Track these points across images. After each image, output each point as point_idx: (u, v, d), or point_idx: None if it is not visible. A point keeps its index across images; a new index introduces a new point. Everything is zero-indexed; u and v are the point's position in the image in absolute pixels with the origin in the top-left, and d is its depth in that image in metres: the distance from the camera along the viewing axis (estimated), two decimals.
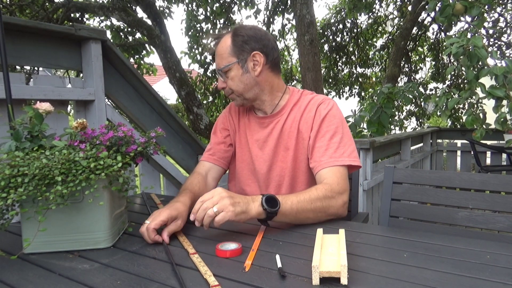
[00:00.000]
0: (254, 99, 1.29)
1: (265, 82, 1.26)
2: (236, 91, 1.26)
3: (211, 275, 0.74)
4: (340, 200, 1.11)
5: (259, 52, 1.21)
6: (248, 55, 1.21)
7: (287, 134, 1.28)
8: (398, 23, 8.41)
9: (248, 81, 1.24)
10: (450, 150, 5.14)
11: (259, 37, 1.22)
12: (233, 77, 1.23)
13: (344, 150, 1.19)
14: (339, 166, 1.16)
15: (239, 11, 6.89)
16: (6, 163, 0.82)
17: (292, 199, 1.02)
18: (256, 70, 1.22)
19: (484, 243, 0.90)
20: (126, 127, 1.01)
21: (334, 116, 1.24)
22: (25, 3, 5.26)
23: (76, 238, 0.91)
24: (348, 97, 9.33)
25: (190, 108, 5.18)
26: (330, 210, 1.09)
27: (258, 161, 1.33)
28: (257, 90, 1.26)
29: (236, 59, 1.21)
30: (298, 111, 1.29)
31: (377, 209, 2.96)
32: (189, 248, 0.90)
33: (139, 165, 1.95)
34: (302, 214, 1.03)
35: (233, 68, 1.22)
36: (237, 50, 1.21)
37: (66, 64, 1.61)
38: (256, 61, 1.22)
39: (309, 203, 1.04)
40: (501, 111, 2.60)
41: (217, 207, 0.92)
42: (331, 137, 1.20)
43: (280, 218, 1.00)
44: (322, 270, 0.70)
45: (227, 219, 0.91)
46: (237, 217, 0.93)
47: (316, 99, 1.29)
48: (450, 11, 2.74)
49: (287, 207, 1.00)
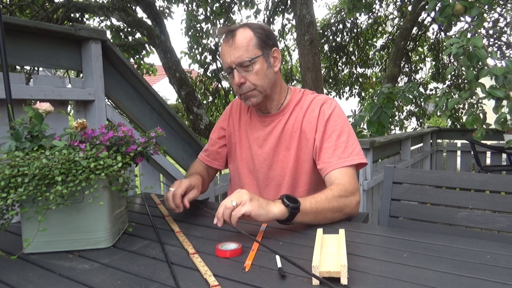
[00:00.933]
0: (271, 97, 1.26)
1: (279, 80, 1.27)
2: (261, 86, 1.20)
3: (211, 275, 0.74)
4: (354, 199, 1.12)
5: (277, 48, 1.21)
6: (270, 50, 1.20)
7: (289, 134, 1.28)
8: (398, 23, 8.41)
9: (271, 75, 1.22)
10: (450, 150, 5.13)
11: (273, 35, 1.22)
12: (258, 71, 1.18)
13: (352, 149, 1.19)
14: (349, 166, 1.17)
15: (239, 11, 6.90)
16: (6, 163, 0.82)
17: (309, 199, 1.02)
18: (276, 66, 1.21)
19: (484, 243, 0.90)
20: (126, 127, 1.01)
21: (338, 115, 1.24)
22: (25, 3, 5.26)
23: (76, 238, 0.91)
24: (348, 97, 9.33)
25: (190, 108, 5.18)
26: (346, 209, 1.09)
27: (258, 159, 1.33)
28: (275, 87, 1.26)
29: (261, 53, 1.18)
30: (300, 111, 1.28)
31: (377, 209, 2.96)
32: (189, 248, 0.90)
33: (139, 165, 1.95)
34: (321, 213, 1.03)
35: (259, 61, 1.18)
36: (262, 44, 1.18)
37: (66, 64, 1.61)
38: (276, 57, 1.21)
39: (327, 203, 1.04)
40: (501, 111, 2.60)
41: (235, 200, 0.92)
42: (338, 137, 1.20)
43: (301, 218, 0.99)
44: (322, 270, 0.70)
45: (244, 211, 0.90)
46: (256, 213, 0.92)
47: (318, 99, 1.29)
48: (450, 11, 2.74)
49: (307, 205, 1.00)
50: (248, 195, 0.94)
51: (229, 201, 0.93)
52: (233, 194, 0.95)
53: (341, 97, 9.33)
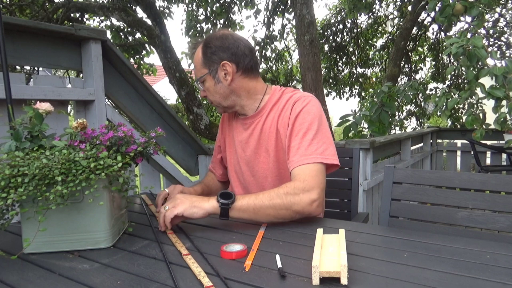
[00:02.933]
0: (233, 106, 1.30)
1: (240, 88, 1.26)
2: (214, 101, 1.29)
3: (204, 276, 0.74)
4: (306, 197, 1.07)
5: (227, 61, 1.21)
6: (218, 66, 1.22)
7: (267, 135, 1.27)
8: (398, 23, 8.41)
9: (222, 90, 1.25)
10: (450, 150, 5.14)
11: (226, 46, 1.22)
12: (208, 88, 1.26)
13: (317, 147, 1.15)
14: (310, 163, 1.12)
15: (239, 11, 6.89)
16: (6, 163, 0.82)
17: (249, 196, 1.07)
18: (227, 80, 1.23)
19: (484, 243, 0.90)
20: (126, 127, 1.01)
21: (308, 112, 1.20)
22: (25, 3, 5.26)
23: (76, 238, 0.91)
24: (348, 98, 9.33)
25: (190, 108, 5.18)
26: (294, 207, 1.06)
27: (242, 162, 1.35)
28: (234, 97, 1.27)
29: (208, 70, 1.23)
30: (277, 110, 1.26)
31: (377, 209, 2.96)
32: (182, 249, 0.90)
33: (139, 165, 1.95)
34: (260, 210, 1.04)
35: (207, 79, 1.25)
36: (207, 62, 1.23)
37: (66, 64, 1.61)
38: (226, 70, 1.22)
39: (268, 200, 1.05)
40: (501, 111, 2.60)
41: (168, 205, 1.04)
42: (303, 134, 1.17)
43: (237, 213, 1.04)
44: (322, 270, 0.70)
45: (175, 212, 1.00)
46: (189, 212, 1.01)
47: (294, 97, 1.25)
48: (450, 11, 2.75)
49: (243, 202, 1.04)
50: (180, 198, 1.04)
51: (163, 207, 1.04)
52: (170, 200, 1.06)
53: (341, 97, 9.33)
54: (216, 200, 1.03)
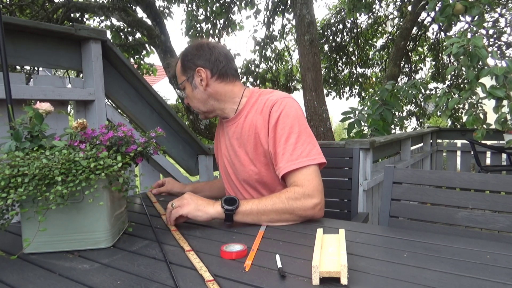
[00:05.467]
0: (213, 110, 1.34)
1: (217, 93, 1.30)
2: (194, 107, 1.35)
3: (206, 271, 0.75)
4: (308, 202, 1.09)
5: (201, 68, 1.27)
6: (193, 72, 1.28)
7: (246, 138, 1.27)
8: (398, 23, 8.41)
9: (199, 95, 1.30)
10: (450, 150, 5.13)
11: (200, 54, 1.28)
12: (188, 94, 1.33)
13: (301, 150, 1.16)
14: (301, 168, 1.14)
15: (239, 11, 6.89)
16: (6, 163, 0.82)
17: (253, 201, 1.10)
18: (202, 85, 1.28)
19: (484, 243, 0.90)
20: (126, 127, 1.01)
21: (287, 116, 1.20)
22: (25, 3, 5.27)
23: (76, 238, 0.91)
24: (348, 98, 9.33)
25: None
26: (298, 211, 1.08)
27: (227, 164, 1.38)
28: (212, 102, 1.31)
29: (185, 78, 1.30)
30: (255, 113, 1.26)
31: (377, 209, 2.96)
32: (184, 245, 0.91)
33: (139, 165, 1.95)
34: (264, 214, 1.08)
35: (186, 86, 1.31)
36: (184, 68, 1.31)
37: (66, 64, 1.61)
38: (201, 76, 1.27)
39: (271, 205, 1.08)
40: (501, 111, 2.60)
41: (176, 203, 1.08)
42: (286, 140, 1.17)
43: (241, 218, 1.08)
44: (322, 270, 0.70)
45: (181, 213, 1.06)
46: (193, 215, 1.06)
47: (271, 100, 1.24)
48: (450, 11, 2.75)
49: (247, 207, 1.08)
50: (187, 199, 1.08)
51: (171, 203, 1.09)
52: (179, 198, 1.11)
53: (341, 97, 9.32)
54: (221, 205, 1.07)
